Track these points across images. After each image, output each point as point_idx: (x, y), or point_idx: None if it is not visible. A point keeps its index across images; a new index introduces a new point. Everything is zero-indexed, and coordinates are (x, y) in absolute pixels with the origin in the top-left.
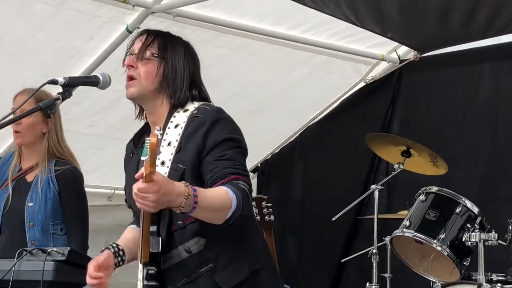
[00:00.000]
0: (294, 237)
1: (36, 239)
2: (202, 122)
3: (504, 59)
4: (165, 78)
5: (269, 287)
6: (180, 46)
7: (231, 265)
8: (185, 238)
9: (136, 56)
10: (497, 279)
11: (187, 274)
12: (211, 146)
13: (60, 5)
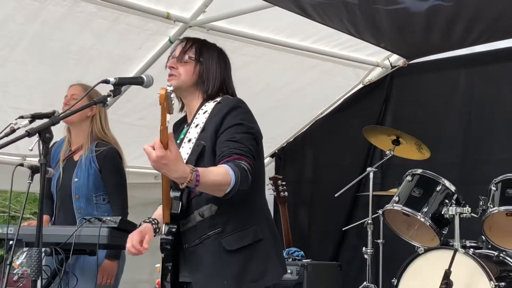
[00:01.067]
0: (305, 210)
1: (82, 209)
2: (222, 107)
3: (478, 65)
4: (200, 77)
5: (270, 255)
6: (213, 51)
7: (237, 231)
8: (200, 204)
9: (177, 59)
10: (470, 245)
11: (199, 236)
12: (225, 127)
13: (115, 20)
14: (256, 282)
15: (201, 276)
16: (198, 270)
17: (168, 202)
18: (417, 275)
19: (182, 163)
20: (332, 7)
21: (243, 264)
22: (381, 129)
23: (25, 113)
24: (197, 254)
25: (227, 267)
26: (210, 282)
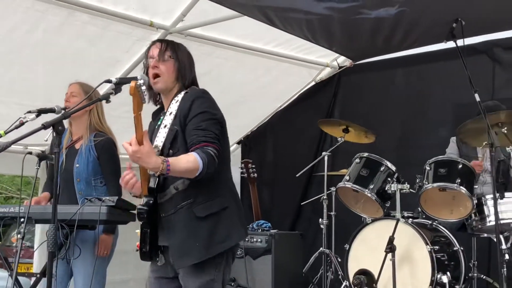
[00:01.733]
0: (268, 188)
1: (82, 190)
2: (189, 96)
3: (412, 65)
4: (179, 72)
5: (234, 220)
6: (184, 49)
7: (206, 201)
8: (175, 179)
9: (158, 58)
10: (409, 215)
11: (174, 206)
12: (192, 115)
13: (106, 27)
14: (222, 243)
15: (176, 240)
16: (174, 235)
17: (146, 177)
18: (365, 241)
19: (154, 156)
20: (295, 17)
21: (211, 229)
22: (333, 121)
23: (27, 109)
24: (173, 221)
25: (198, 231)
26: (184, 244)
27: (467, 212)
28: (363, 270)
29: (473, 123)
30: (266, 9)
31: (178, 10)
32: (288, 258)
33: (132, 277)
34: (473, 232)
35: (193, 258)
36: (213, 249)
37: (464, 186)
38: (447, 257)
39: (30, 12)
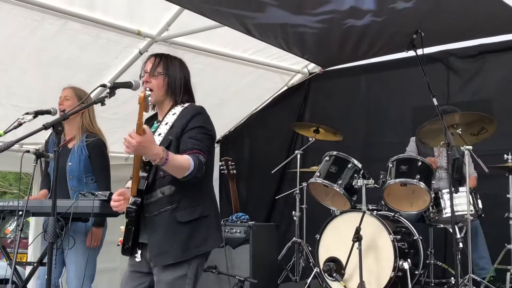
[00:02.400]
0: (244, 183)
1: (74, 186)
2: (189, 112)
3: (375, 72)
4: (169, 87)
5: (212, 228)
6: (177, 62)
7: (188, 208)
8: (163, 184)
9: (149, 74)
10: (373, 208)
11: (157, 209)
12: (190, 128)
13: (97, 35)
14: (198, 247)
15: (156, 239)
16: (155, 235)
17: (137, 179)
18: (334, 232)
19: (156, 144)
20: (270, 28)
21: (190, 233)
22: (305, 124)
23: (23, 111)
24: (155, 222)
25: (178, 234)
26: (163, 244)
27: (426, 205)
28: (332, 258)
29: (431, 124)
30: (244, 20)
31: (163, 20)
32: (264, 247)
33: (119, 266)
34: (431, 223)
35: (169, 258)
36: (189, 252)
37: (423, 182)
38: (408, 246)
39: (28, 21)
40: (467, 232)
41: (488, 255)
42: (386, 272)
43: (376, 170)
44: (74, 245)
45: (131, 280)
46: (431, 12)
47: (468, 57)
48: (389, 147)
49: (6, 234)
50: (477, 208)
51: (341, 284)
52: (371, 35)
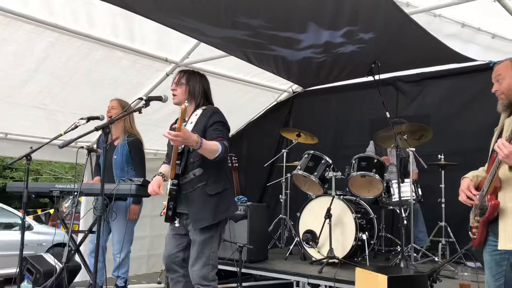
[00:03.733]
0: (244, 174)
1: (118, 174)
2: (208, 112)
3: (342, 92)
4: (189, 93)
5: (231, 198)
6: (196, 76)
7: (214, 184)
8: (193, 167)
9: (176, 84)
10: (340, 194)
11: (192, 186)
12: (211, 123)
13: (135, 61)
14: (224, 212)
15: (194, 209)
16: (193, 206)
17: (174, 166)
18: (311, 211)
19: (193, 135)
20: (265, 57)
21: (217, 203)
22: (290, 129)
23: (78, 117)
24: (192, 197)
25: (209, 203)
26: (200, 212)
27: (379, 192)
28: (309, 230)
29: (384, 132)
30: (246, 52)
31: (185, 50)
32: (259, 222)
33: (148, 234)
34: (383, 205)
35: (205, 222)
36: (217, 216)
37: (378, 174)
38: (366, 222)
39: (81, 48)
40: (410, 212)
41: (425, 230)
42: (350, 242)
43: (343, 165)
44: (116, 218)
45: (174, 240)
46: (386, 48)
47: (412, 82)
48: (352, 148)
49: (63, 210)
50: (417, 195)
51: (316, 250)
52: (341, 64)
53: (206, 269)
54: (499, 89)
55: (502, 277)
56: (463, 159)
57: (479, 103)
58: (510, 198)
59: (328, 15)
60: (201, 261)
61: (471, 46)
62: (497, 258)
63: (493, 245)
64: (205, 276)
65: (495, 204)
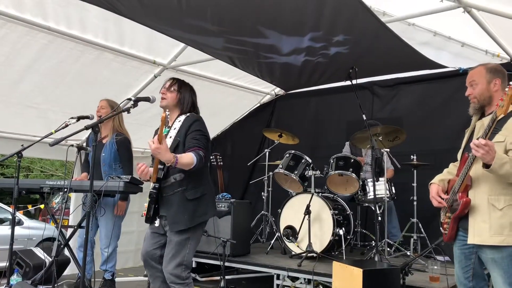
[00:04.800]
0: (227, 172)
1: (106, 171)
2: (190, 119)
3: (321, 95)
4: (179, 101)
5: (210, 203)
6: (187, 86)
7: (193, 189)
8: (174, 172)
9: (167, 89)
10: (319, 191)
11: (172, 190)
12: (191, 131)
13: (124, 64)
14: (201, 217)
15: (172, 212)
16: (171, 209)
17: (156, 170)
18: (291, 207)
19: (169, 152)
20: (249, 61)
21: (195, 207)
22: (272, 129)
23: (69, 116)
24: (171, 200)
25: (187, 208)
26: (177, 215)
27: (356, 189)
28: (289, 226)
29: (361, 133)
30: (231, 56)
31: (172, 53)
32: (242, 217)
33: (136, 230)
34: (359, 202)
35: (181, 225)
36: (194, 220)
37: (354, 173)
38: (342, 218)
39: (73, 51)
40: (384, 209)
41: (398, 226)
42: (327, 237)
43: (322, 164)
44: (105, 213)
45: (152, 238)
46: (363, 54)
47: (387, 86)
48: (330, 148)
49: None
50: (391, 193)
51: (295, 244)
52: (321, 69)
53: (180, 269)
54: (472, 94)
55: (471, 269)
56: (434, 159)
57: (448, 107)
58: (479, 196)
59: (308, 23)
60: (175, 261)
61: (442, 53)
62: (466, 252)
63: (462, 239)
64: (178, 275)
65: (467, 201)
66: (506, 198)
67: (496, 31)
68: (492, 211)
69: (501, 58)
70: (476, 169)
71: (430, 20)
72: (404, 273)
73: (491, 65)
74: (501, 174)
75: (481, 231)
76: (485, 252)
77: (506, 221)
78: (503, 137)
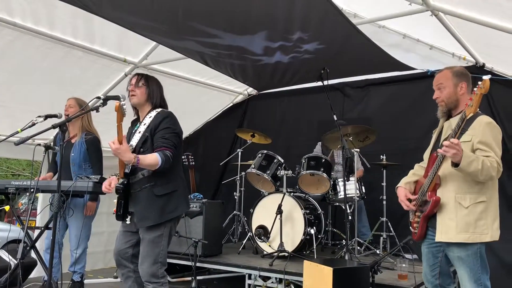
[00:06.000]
0: (198, 172)
1: (75, 171)
2: (160, 115)
3: (294, 96)
4: (148, 96)
5: (181, 200)
6: (154, 80)
7: (163, 184)
8: (143, 168)
9: (134, 85)
10: (290, 191)
11: (140, 186)
12: (160, 128)
13: (94, 61)
14: (170, 213)
15: (140, 208)
16: (139, 205)
17: (123, 165)
18: (264, 207)
19: (129, 153)
20: (222, 61)
21: (164, 203)
22: (245, 129)
23: (37, 114)
24: (139, 196)
25: (155, 204)
26: (145, 211)
27: (327, 189)
28: (261, 226)
29: (331, 133)
30: (204, 55)
31: (143, 51)
32: (213, 218)
33: (106, 230)
34: (330, 202)
35: (149, 221)
36: (163, 217)
37: (325, 173)
38: (314, 217)
39: (42, 48)
40: (354, 208)
41: (368, 224)
42: (299, 236)
43: (293, 164)
44: (73, 214)
45: (124, 237)
46: (334, 56)
47: (358, 87)
48: (302, 148)
49: (19, 207)
50: (361, 192)
51: (267, 244)
52: (293, 69)
53: (155, 267)
54: (440, 97)
55: (438, 267)
56: (402, 158)
57: (417, 107)
58: (447, 194)
59: (279, 23)
60: (150, 259)
61: (411, 55)
62: (434, 251)
63: (431, 238)
64: (154, 273)
65: (437, 200)
66: (472, 197)
67: (462, 34)
68: (459, 209)
69: (467, 61)
70: (444, 168)
71: (400, 22)
72: (373, 271)
73: (457, 68)
74: (470, 172)
75: (448, 229)
76: (451, 250)
77: (472, 219)
78: (470, 136)
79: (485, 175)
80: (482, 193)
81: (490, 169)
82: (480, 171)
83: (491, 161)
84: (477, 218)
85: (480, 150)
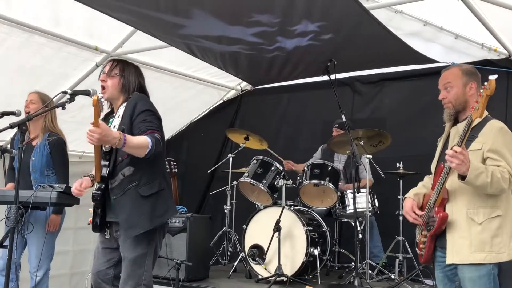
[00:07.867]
0: (181, 180)
1: (37, 179)
2: (132, 100)
3: (294, 92)
4: (123, 87)
5: (169, 200)
6: (131, 67)
7: (148, 183)
8: (122, 167)
9: (106, 74)
10: (290, 204)
11: (122, 189)
12: (137, 113)
13: (59, 49)
14: (161, 217)
15: (125, 215)
16: (123, 211)
17: (99, 168)
18: (259, 223)
19: (113, 131)
20: (211, 51)
21: (153, 205)
22: (237, 130)
23: None
24: (122, 201)
25: (142, 207)
26: (132, 218)
27: (333, 202)
28: (256, 245)
29: (340, 136)
30: (189, 43)
31: (118, 38)
32: (199, 235)
33: (71, 249)
34: (337, 217)
35: (139, 228)
36: (154, 221)
37: (332, 183)
38: (318, 235)
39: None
40: (365, 225)
41: (381, 244)
42: (300, 257)
43: (294, 173)
44: (34, 229)
45: (103, 256)
46: (343, 45)
47: (370, 83)
48: (303, 152)
49: None
50: (374, 206)
51: (263, 266)
52: (294, 61)
53: None
54: (447, 98)
55: None
56: (421, 166)
57: (438, 107)
58: (458, 210)
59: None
60: (132, 281)
61: (433, 46)
62: (449, 274)
63: (442, 260)
64: None
65: (444, 216)
66: (486, 211)
67: (493, 22)
68: (472, 226)
69: (498, 53)
70: (452, 181)
71: (420, 7)
72: None
73: (467, 67)
74: (478, 186)
75: (460, 249)
76: (461, 270)
77: (487, 236)
78: (480, 144)
79: (495, 189)
80: (496, 207)
81: (500, 182)
82: (489, 184)
83: (502, 172)
84: (493, 235)
85: (490, 159)
